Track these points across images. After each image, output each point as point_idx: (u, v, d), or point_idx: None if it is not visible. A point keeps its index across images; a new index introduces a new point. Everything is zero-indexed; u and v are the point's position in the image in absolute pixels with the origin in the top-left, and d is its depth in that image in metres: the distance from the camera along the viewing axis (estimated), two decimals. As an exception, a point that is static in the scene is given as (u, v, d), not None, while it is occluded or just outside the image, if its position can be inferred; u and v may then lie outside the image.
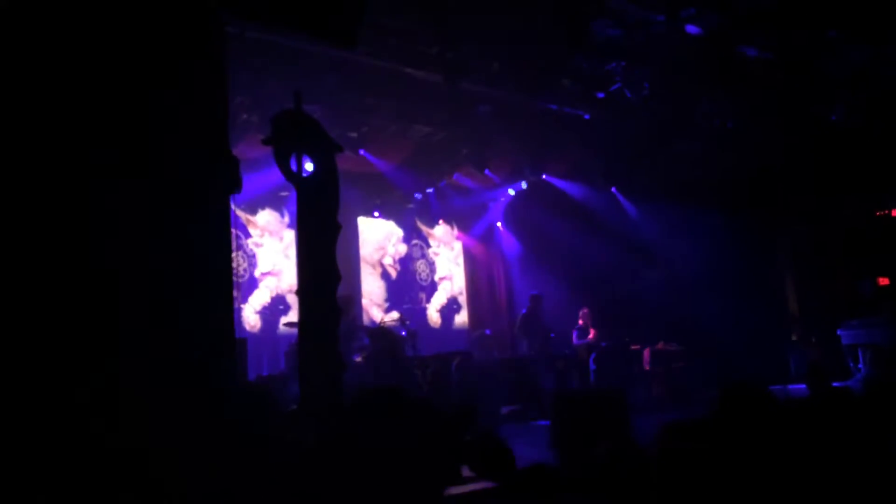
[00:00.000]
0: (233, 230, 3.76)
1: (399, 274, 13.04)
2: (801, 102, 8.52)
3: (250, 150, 7.47)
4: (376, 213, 12.58)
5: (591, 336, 10.42)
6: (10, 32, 3.01)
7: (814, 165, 8.97)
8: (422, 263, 13.41)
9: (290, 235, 11.42)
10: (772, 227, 10.13)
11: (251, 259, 11.04)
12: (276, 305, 11.15)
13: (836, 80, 8.18)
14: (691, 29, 7.53)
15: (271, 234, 11.37)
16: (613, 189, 11.71)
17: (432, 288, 13.50)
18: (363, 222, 12.59)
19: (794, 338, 9.86)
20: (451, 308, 13.57)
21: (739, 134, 9.01)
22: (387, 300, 12.72)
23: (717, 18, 7.37)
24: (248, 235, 11.05)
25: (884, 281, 8.89)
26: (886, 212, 9.15)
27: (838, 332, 8.07)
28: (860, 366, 7.68)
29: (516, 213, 13.48)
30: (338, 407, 5.19)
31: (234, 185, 3.75)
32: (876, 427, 3.08)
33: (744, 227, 10.06)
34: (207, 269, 3.24)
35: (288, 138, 5.50)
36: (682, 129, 9.26)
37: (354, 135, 9.64)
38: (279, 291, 11.24)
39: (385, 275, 12.88)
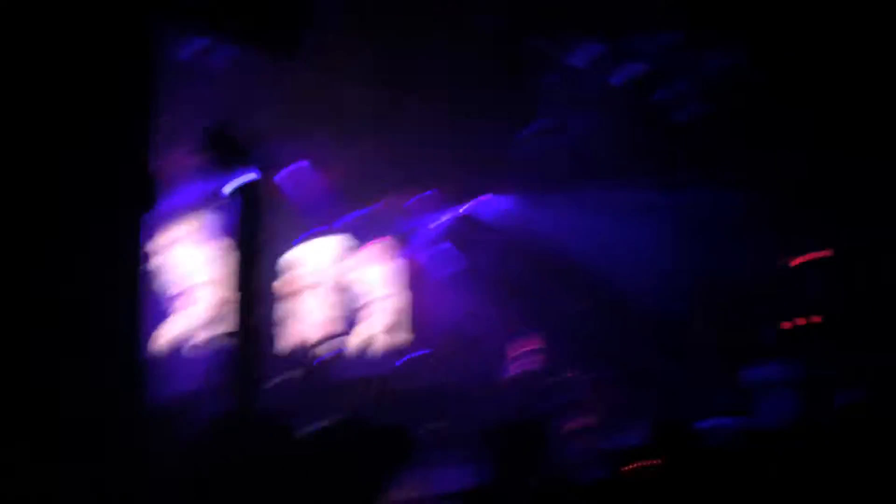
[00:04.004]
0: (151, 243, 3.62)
1: (348, 292, 12.88)
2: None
3: (178, 162, 7.24)
4: (311, 232, 12.37)
5: (520, 366, 10.44)
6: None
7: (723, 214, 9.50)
8: (360, 284, 13.26)
9: (211, 249, 11.08)
10: (682, 267, 10.58)
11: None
12: (196, 321, 10.77)
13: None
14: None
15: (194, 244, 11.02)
16: (549, 219, 11.89)
17: (365, 309, 13.33)
18: (313, 241, 12.41)
19: (704, 374, 10.23)
20: (383, 330, 13.41)
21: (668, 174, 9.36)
22: (336, 318, 12.56)
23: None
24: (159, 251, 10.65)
25: (786, 325, 9.54)
26: (786, 260, 9.82)
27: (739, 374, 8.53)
28: (782, 403, 7.97)
29: (454, 236, 13.48)
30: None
31: (149, 202, 3.60)
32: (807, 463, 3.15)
33: (671, 260, 10.42)
34: (116, 288, 3.11)
35: (221, 152, 5.40)
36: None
37: (293, 149, 9.48)
38: (200, 307, 10.87)
39: (335, 292, 12.69)
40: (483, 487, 5.57)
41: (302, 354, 8.44)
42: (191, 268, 10.95)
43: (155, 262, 10.33)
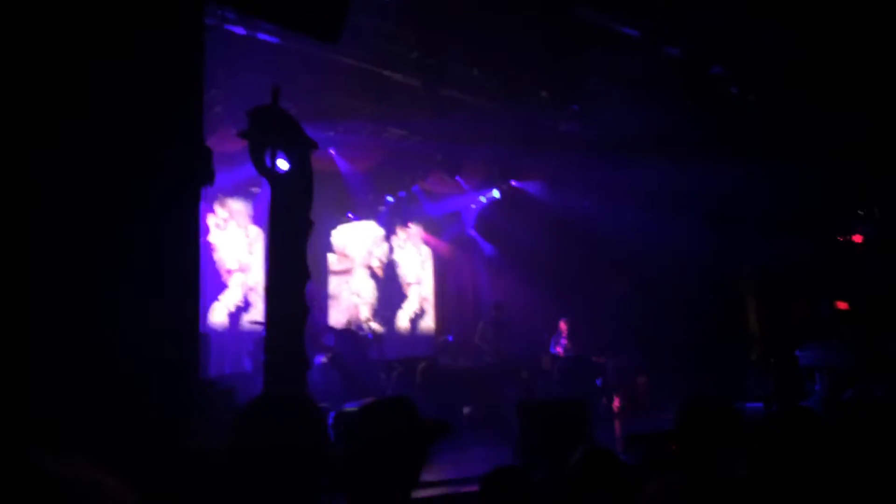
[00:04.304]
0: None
1: (386, 274, 13.09)
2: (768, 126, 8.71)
3: (222, 143, 7.37)
4: (350, 215, 12.52)
5: (561, 348, 10.46)
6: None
7: (781, 187, 9.15)
8: (400, 266, 13.47)
9: (254, 231, 11.30)
10: (737, 247, 10.29)
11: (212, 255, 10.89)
12: (240, 302, 11.01)
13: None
14: (670, 50, 7.63)
15: (238, 226, 11.24)
16: (586, 203, 11.81)
17: (405, 291, 13.52)
18: (349, 226, 12.61)
19: (752, 357, 10.02)
20: (418, 313, 13.55)
21: (710, 153, 9.16)
22: (377, 299, 12.76)
23: (694, 41, 7.48)
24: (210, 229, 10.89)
25: (842, 305, 9.11)
26: (848, 237, 9.39)
27: (796, 353, 8.22)
28: (817, 387, 7.83)
29: (487, 219, 13.52)
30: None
31: (207, 177, 3.69)
32: (838, 447, 3.13)
33: (710, 245, 10.21)
34: (176, 262, 3.18)
35: (264, 133, 5.45)
36: (653, 143, 9.39)
37: (330, 134, 9.57)
38: (244, 289, 11.11)
39: (374, 275, 12.92)
40: (521, 466, 5.65)
41: (346, 334, 8.54)
42: (238, 248, 11.20)
43: (207, 239, 10.58)
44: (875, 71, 7.31)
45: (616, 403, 9.92)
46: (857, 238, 9.38)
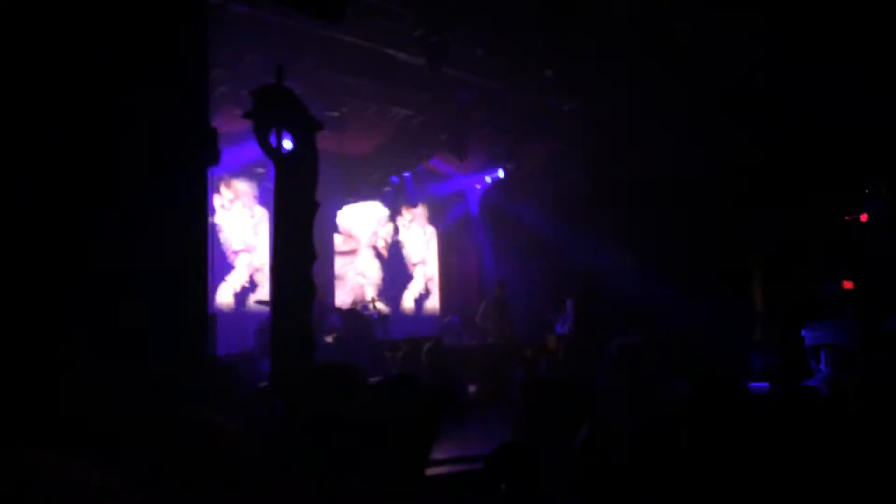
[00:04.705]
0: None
1: (390, 255, 13.13)
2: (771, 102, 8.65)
3: (226, 123, 7.37)
4: (355, 195, 12.52)
5: (568, 327, 10.48)
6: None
7: (786, 166, 9.10)
8: (404, 247, 13.50)
9: (260, 212, 11.31)
10: (743, 225, 10.26)
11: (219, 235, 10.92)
12: (246, 283, 11.06)
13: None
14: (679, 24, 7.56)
15: (243, 206, 11.26)
16: (589, 181, 11.77)
17: (410, 272, 13.56)
18: (354, 206, 12.63)
19: (757, 336, 10.02)
20: (423, 293, 13.59)
21: (713, 131, 9.11)
22: (382, 280, 12.81)
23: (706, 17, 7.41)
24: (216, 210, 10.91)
25: (848, 285, 9.07)
26: (855, 216, 9.33)
27: (802, 333, 8.22)
28: (822, 366, 7.83)
29: (492, 200, 13.50)
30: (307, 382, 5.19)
31: (213, 157, 3.69)
32: (842, 426, 3.15)
33: (715, 224, 10.18)
34: (184, 244, 3.19)
35: (269, 113, 5.43)
36: (659, 124, 9.33)
37: (335, 114, 9.54)
38: (250, 269, 11.15)
39: (378, 256, 12.96)
40: (525, 444, 5.68)
41: (352, 314, 8.58)
42: (244, 228, 11.23)
43: (212, 220, 10.61)
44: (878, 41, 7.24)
45: (621, 381, 9.94)
46: (864, 217, 9.32)
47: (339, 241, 12.52)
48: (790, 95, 8.45)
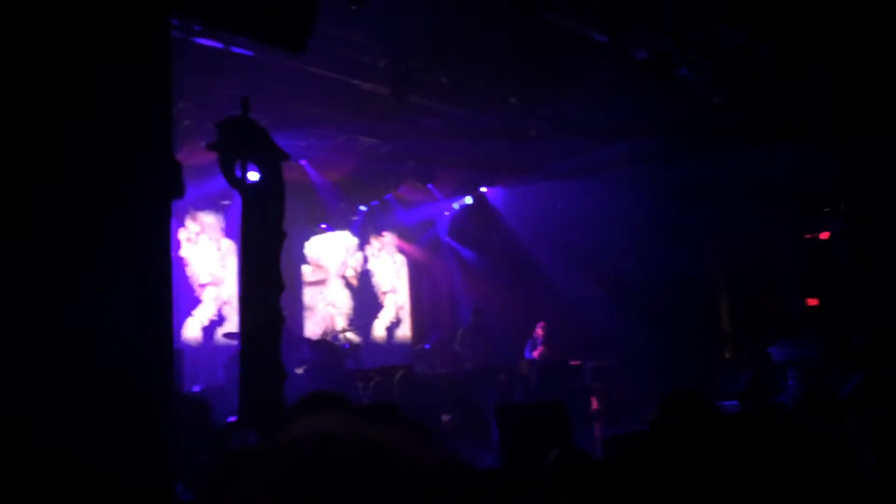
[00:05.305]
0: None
1: (360, 284, 13.06)
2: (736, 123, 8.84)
3: (192, 156, 7.31)
4: (323, 226, 12.48)
5: (538, 352, 10.51)
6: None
7: (748, 185, 9.29)
8: (373, 276, 13.44)
9: (227, 244, 11.21)
10: (707, 246, 10.43)
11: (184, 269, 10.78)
12: (214, 317, 10.92)
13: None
14: (637, 53, 7.72)
15: (210, 239, 11.14)
16: (558, 205, 11.89)
17: (380, 300, 13.50)
18: (321, 236, 12.56)
19: (726, 355, 10.15)
20: (394, 321, 13.52)
21: (679, 153, 9.29)
22: (352, 309, 12.74)
23: (662, 42, 7.57)
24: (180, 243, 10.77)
25: (812, 301, 9.26)
26: (815, 234, 9.56)
27: (769, 350, 8.35)
28: (790, 382, 7.95)
29: (460, 226, 13.56)
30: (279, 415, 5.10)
31: (177, 190, 3.64)
32: (808, 440, 3.17)
33: (681, 246, 10.33)
34: (147, 279, 3.13)
35: (234, 144, 5.40)
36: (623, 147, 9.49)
37: (302, 144, 9.54)
38: (218, 303, 11.00)
39: (348, 285, 12.89)
40: (500, 469, 5.65)
41: (322, 345, 8.50)
42: (210, 261, 11.09)
43: (178, 254, 10.47)
44: (842, 57, 7.43)
45: (594, 405, 9.97)
46: (825, 235, 9.55)
47: (307, 271, 12.44)
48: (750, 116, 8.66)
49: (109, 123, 3.29)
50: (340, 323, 12.27)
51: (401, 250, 13.94)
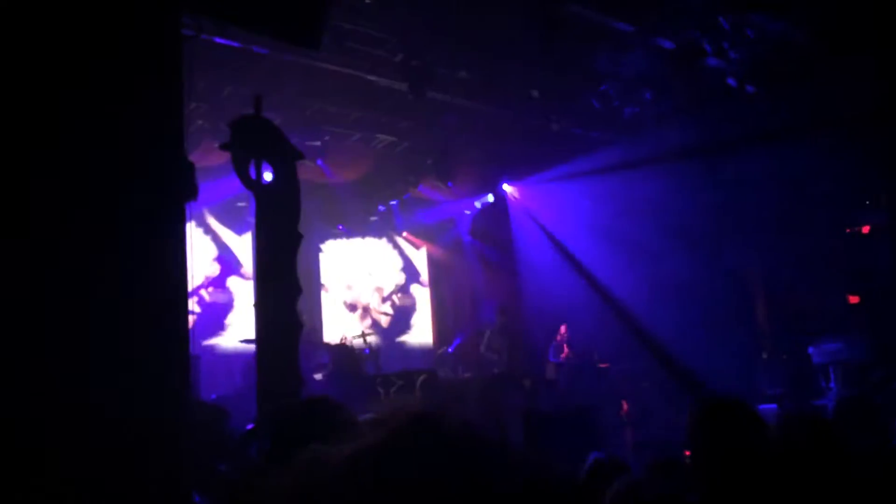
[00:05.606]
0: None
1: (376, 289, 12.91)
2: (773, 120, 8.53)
3: (205, 158, 7.15)
4: (340, 227, 12.29)
5: (563, 354, 10.23)
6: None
7: (785, 178, 8.94)
8: (393, 278, 13.24)
9: (242, 246, 11.07)
10: (741, 242, 10.07)
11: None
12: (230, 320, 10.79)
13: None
14: (664, 43, 7.45)
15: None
16: (586, 202, 11.59)
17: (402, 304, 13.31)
18: (340, 241, 12.32)
19: (763, 356, 9.75)
20: (416, 324, 13.31)
21: (712, 148, 9.01)
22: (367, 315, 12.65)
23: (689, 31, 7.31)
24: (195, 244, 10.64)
25: (853, 299, 8.85)
26: (857, 228, 9.16)
27: (809, 350, 7.99)
28: (831, 384, 7.61)
29: (482, 225, 13.27)
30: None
31: (190, 192, 3.52)
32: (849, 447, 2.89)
33: (717, 242, 10.00)
34: (162, 282, 2.99)
35: (247, 144, 5.25)
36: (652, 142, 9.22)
37: (317, 143, 9.34)
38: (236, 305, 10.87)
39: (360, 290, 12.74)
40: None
41: (341, 349, 8.30)
42: (225, 263, 10.96)
43: (193, 255, 10.36)
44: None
45: (624, 408, 9.68)
46: (866, 229, 9.14)
47: (326, 274, 12.26)
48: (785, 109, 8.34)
49: (121, 124, 3.14)
50: (361, 327, 12.07)
51: (420, 250, 13.72)
